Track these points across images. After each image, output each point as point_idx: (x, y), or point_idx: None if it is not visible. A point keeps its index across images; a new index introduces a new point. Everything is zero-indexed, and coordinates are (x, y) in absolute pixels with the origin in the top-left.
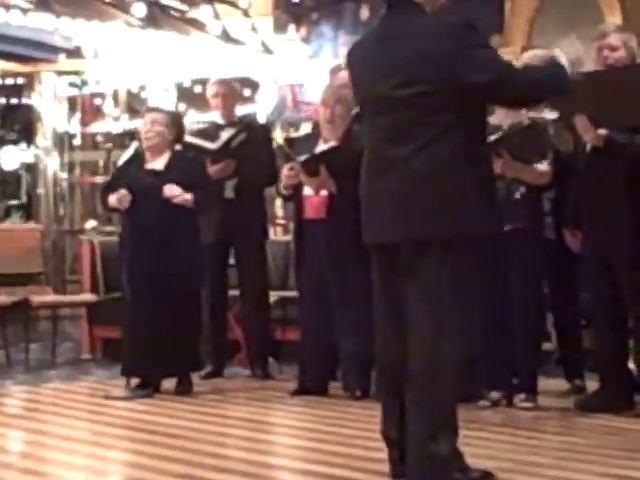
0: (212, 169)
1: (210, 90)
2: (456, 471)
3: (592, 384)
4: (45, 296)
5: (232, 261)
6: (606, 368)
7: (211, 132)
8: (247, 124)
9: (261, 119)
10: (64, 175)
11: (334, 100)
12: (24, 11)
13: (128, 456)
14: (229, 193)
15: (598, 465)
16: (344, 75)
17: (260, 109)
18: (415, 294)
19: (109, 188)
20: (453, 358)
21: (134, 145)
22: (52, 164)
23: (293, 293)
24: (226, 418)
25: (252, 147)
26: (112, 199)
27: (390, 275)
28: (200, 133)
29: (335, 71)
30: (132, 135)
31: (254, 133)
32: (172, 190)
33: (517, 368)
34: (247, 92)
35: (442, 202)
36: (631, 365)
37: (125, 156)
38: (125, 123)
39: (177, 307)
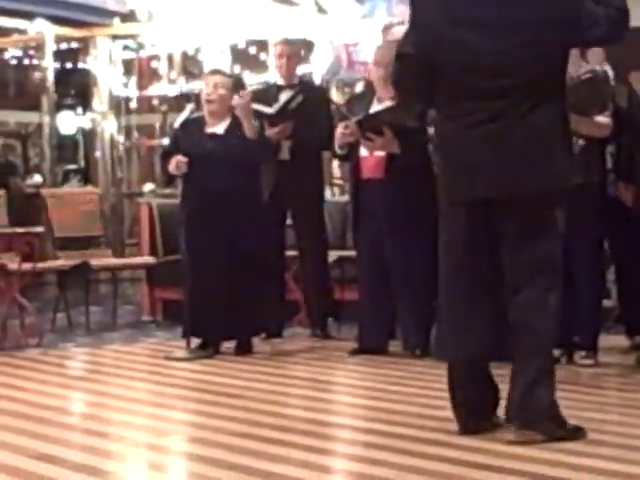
0: (270, 132)
1: (275, 49)
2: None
3: None
4: (105, 259)
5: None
6: None
7: (271, 94)
8: (305, 86)
9: (316, 79)
10: (121, 139)
11: (388, 59)
12: None
13: (189, 416)
14: (284, 155)
15: None
16: (397, 32)
17: (315, 69)
18: (526, 248)
19: (169, 153)
20: (556, 308)
21: (189, 107)
22: (109, 128)
23: (351, 253)
24: (286, 378)
25: (309, 109)
26: (170, 165)
27: (484, 230)
28: (260, 94)
29: (387, 29)
30: (188, 98)
31: (312, 95)
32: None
33: (578, 325)
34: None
35: (560, 158)
36: None
37: (180, 118)
38: (181, 85)
39: (237, 269)
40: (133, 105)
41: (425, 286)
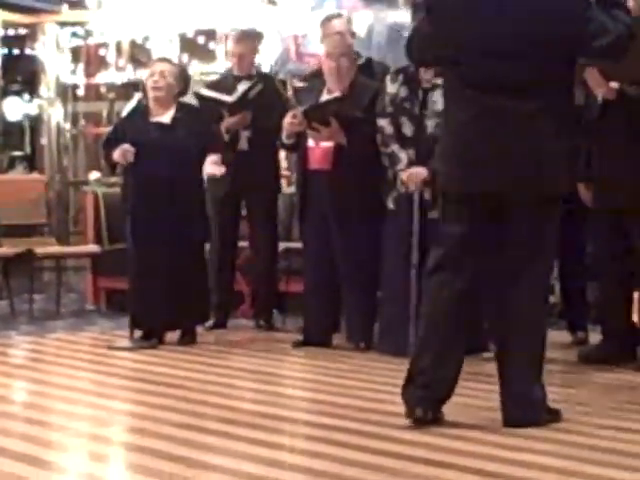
0: (228, 121)
1: (233, 42)
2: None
3: (595, 336)
4: (49, 247)
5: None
6: (609, 321)
7: (228, 84)
8: (262, 76)
9: (265, 68)
10: (67, 126)
11: (339, 52)
12: None
13: (131, 406)
14: (243, 145)
15: (598, 417)
16: (337, 24)
17: (264, 60)
18: (525, 247)
19: (111, 142)
20: (547, 307)
21: (137, 97)
22: (56, 115)
23: (297, 244)
24: (230, 369)
25: (267, 99)
26: (116, 154)
27: (483, 223)
28: (216, 85)
29: (327, 21)
30: (136, 86)
31: (269, 85)
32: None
33: None
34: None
35: (564, 159)
36: (635, 318)
37: (128, 108)
38: (129, 74)
39: (182, 259)
40: (80, 92)
41: (370, 277)
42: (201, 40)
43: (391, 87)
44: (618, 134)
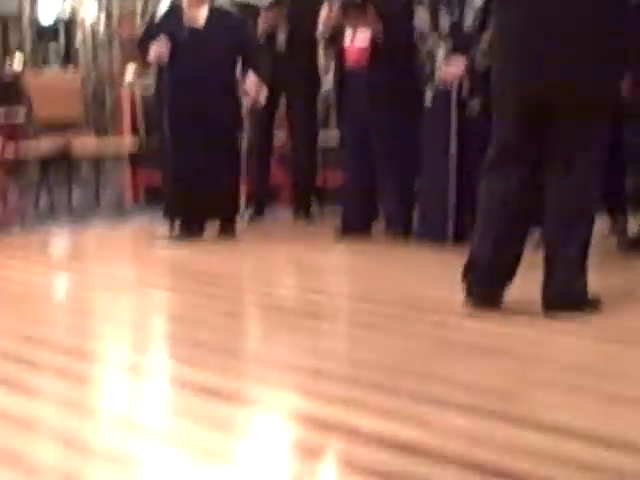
0: (265, 18)
1: None
2: None
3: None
4: (87, 140)
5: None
6: None
7: None
8: None
9: None
10: (102, 26)
11: None
12: None
13: (171, 294)
14: (280, 47)
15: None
16: None
17: None
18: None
19: (144, 42)
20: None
21: None
22: (89, 14)
23: (331, 144)
24: (271, 259)
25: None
26: (151, 53)
27: (534, 124)
28: None
29: None
30: None
31: None
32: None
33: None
34: None
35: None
36: None
37: (163, 9)
38: None
39: (216, 152)
40: None
41: (407, 167)
42: None
43: None
44: None
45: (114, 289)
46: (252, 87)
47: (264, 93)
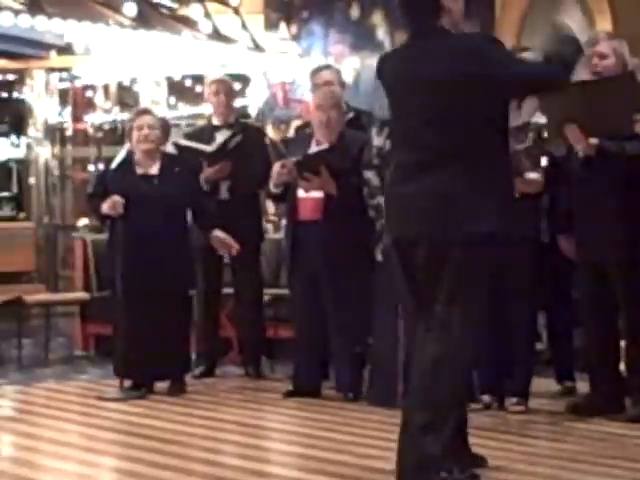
0: (208, 171)
1: (210, 88)
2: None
3: (583, 385)
4: (38, 295)
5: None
6: (596, 371)
7: (206, 133)
8: (242, 126)
9: (252, 113)
10: (56, 168)
11: (330, 104)
12: (15, 12)
13: (120, 463)
14: (224, 194)
15: (591, 475)
16: (326, 75)
17: (251, 103)
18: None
19: (97, 195)
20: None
21: (126, 148)
22: (44, 154)
23: (285, 291)
24: (219, 422)
25: (247, 149)
26: (105, 206)
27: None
28: (195, 135)
29: (316, 72)
30: (123, 130)
31: (249, 134)
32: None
33: (510, 371)
34: (237, 86)
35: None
36: (622, 367)
37: (118, 159)
38: (116, 115)
39: (169, 308)
40: (68, 134)
41: (359, 328)
42: (188, 83)
43: (377, 140)
44: (599, 188)
45: (61, 456)
46: (220, 245)
47: (234, 243)
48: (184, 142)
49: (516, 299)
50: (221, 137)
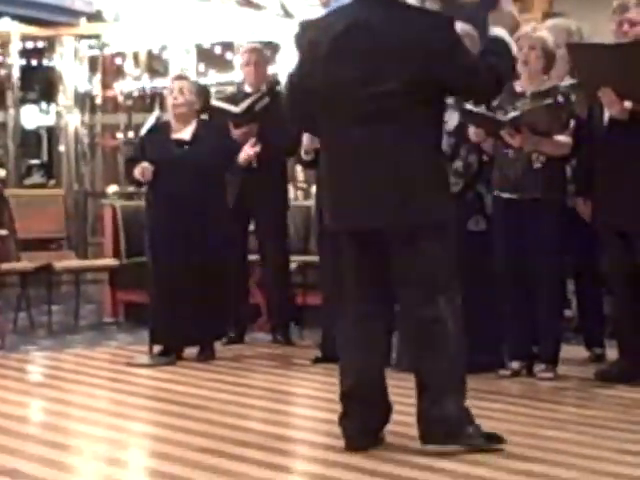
0: (235, 132)
1: (242, 57)
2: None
3: (612, 351)
4: (67, 261)
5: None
6: (625, 338)
7: (238, 99)
8: (271, 89)
9: (282, 80)
10: (85, 135)
11: None
12: None
13: (149, 428)
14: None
15: (618, 441)
16: None
17: (281, 71)
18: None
19: (134, 160)
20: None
21: (155, 114)
22: (73, 122)
23: (314, 258)
24: (247, 387)
25: (276, 114)
26: (136, 172)
27: (371, 256)
28: (227, 99)
29: None
30: (152, 96)
31: (278, 100)
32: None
33: (538, 337)
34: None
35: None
36: None
37: (147, 125)
38: (146, 83)
39: (203, 275)
40: (98, 101)
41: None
42: (218, 50)
43: None
44: (624, 154)
45: (90, 422)
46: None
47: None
48: (214, 103)
49: (544, 265)
50: (249, 100)
